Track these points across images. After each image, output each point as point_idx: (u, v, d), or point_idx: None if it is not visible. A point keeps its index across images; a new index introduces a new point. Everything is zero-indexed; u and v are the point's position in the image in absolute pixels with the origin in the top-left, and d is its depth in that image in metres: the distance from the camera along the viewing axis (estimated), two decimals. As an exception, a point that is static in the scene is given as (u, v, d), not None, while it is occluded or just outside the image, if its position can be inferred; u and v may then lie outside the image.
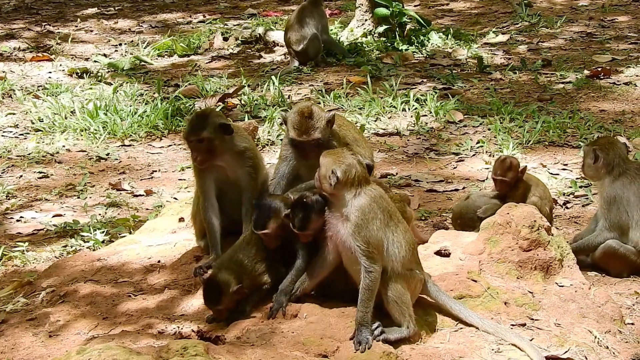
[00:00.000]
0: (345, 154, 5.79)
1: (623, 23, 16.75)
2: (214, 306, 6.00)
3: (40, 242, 8.69)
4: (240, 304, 6.02)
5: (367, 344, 5.53)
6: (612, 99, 12.44)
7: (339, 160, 5.70)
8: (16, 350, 6.06)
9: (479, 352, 5.70)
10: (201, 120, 6.68)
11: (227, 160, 6.73)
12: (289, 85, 13.50)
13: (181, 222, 7.61)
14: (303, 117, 6.58)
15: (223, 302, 5.96)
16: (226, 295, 5.93)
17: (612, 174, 7.83)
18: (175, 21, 18.49)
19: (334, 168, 5.66)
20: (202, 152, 6.66)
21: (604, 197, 7.86)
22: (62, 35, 17.04)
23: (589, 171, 8.02)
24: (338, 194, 5.69)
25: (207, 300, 6.02)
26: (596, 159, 7.86)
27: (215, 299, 5.96)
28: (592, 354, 5.91)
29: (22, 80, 14.24)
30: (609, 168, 7.85)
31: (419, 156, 10.75)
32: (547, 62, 14.15)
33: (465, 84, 13.28)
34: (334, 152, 5.85)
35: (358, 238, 5.60)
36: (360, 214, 5.63)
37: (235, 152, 6.74)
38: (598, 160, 7.85)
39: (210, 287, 5.99)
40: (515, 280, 6.44)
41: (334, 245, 5.77)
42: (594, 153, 7.87)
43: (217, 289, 5.96)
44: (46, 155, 11.02)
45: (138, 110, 12.11)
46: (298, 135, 6.61)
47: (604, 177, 7.88)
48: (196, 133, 6.63)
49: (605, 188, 7.85)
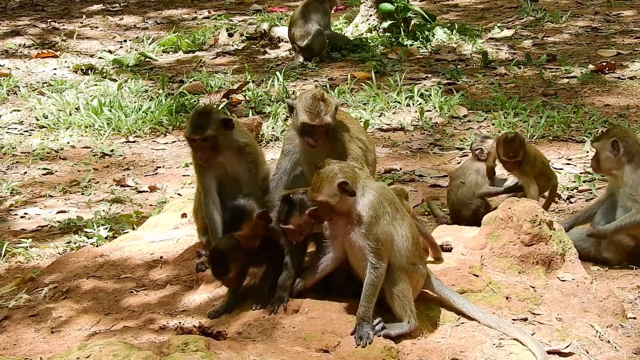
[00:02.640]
0: (331, 165, 5.69)
1: (628, 17, 16.70)
2: (223, 276, 6.00)
3: (44, 239, 8.70)
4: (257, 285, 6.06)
5: (368, 339, 5.54)
6: (617, 93, 12.41)
7: (335, 173, 5.62)
8: (18, 346, 6.09)
9: (480, 347, 5.70)
10: (203, 118, 6.65)
11: (227, 156, 6.73)
12: (293, 81, 13.50)
13: (184, 218, 7.63)
14: (316, 100, 6.58)
15: (231, 269, 5.96)
16: (233, 259, 5.94)
17: (634, 161, 7.78)
18: (180, 17, 18.49)
19: (338, 181, 5.59)
20: (206, 150, 6.65)
21: (630, 185, 7.77)
22: (67, 32, 17.05)
23: (608, 163, 7.88)
24: (347, 200, 5.65)
25: (215, 272, 6.03)
26: (617, 149, 7.78)
27: (223, 267, 5.96)
28: (594, 348, 5.90)
29: (27, 77, 14.26)
30: (629, 156, 7.78)
31: (423, 151, 10.74)
32: (552, 57, 14.13)
33: (469, 79, 13.26)
34: (322, 172, 5.67)
35: (370, 236, 5.59)
36: (372, 210, 5.61)
37: (235, 148, 6.73)
38: (619, 151, 7.77)
39: (216, 256, 5.99)
40: (517, 274, 6.44)
41: (340, 245, 5.76)
42: (614, 144, 7.78)
43: (223, 256, 5.95)
44: (50, 152, 11.04)
45: (142, 107, 12.12)
46: (311, 119, 6.57)
47: (624, 165, 7.80)
48: (200, 131, 6.60)
49: (629, 175, 7.78)
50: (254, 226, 5.98)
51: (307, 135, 6.63)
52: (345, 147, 6.69)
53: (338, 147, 6.68)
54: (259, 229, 5.99)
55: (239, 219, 5.97)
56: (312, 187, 5.64)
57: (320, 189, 5.60)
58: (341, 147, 6.69)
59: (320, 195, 5.59)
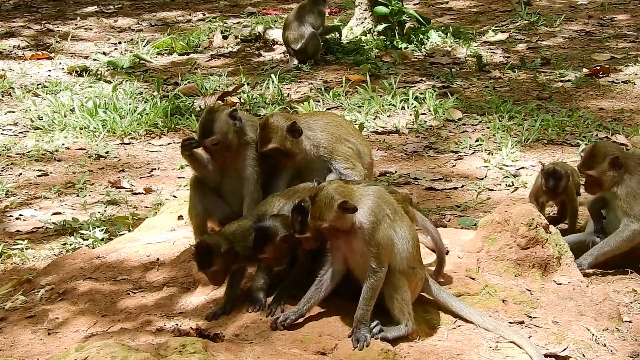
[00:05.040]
0: (324, 190, 5.64)
1: (622, 21, 16.74)
2: (207, 268, 5.99)
3: (39, 240, 8.70)
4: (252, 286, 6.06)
5: (366, 341, 5.54)
6: (611, 97, 12.45)
7: (332, 196, 5.57)
8: (15, 348, 6.08)
9: (477, 350, 5.71)
10: (211, 122, 6.66)
11: (234, 150, 6.77)
12: (288, 84, 13.51)
13: (180, 220, 7.63)
14: (261, 129, 6.69)
15: (215, 262, 5.95)
16: (217, 255, 5.94)
17: (628, 172, 7.65)
18: (175, 19, 18.48)
19: (337, 203, 5.55)
20: (219, 152, 6.71)
21: (623, 197, 7.60)
22: (61, 33, 17.03)
23: (610, 181, 7.63)
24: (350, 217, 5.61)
25: (199, 264, 6.03)
26: (619, 165, 7.59)
27: (207, 260, 5.96)
28: (590, 352, 5.92)
29: (22, 79, 14.24)
30: (628, 169, 7.63)
31: (418, 154, 10.76)
32: (546, 61, 14.16)
33: (464, 83, 13.28)
34: (318, 199, 5.60)
35: (372, 242, 5.59)
36: (372, 216, 5.60)
37: (242, 143, 6.76)
38: (621, 166, 7.58)
39: (200, 249, 6.01)
40: (513, 278, 6.45)
41: (341, 255, 5.75)
42: (615, 162, 7.57)
43: (208, 250, 5.96)
44: (45, 153, 11.03)
45: (137, 109, 12.12)
46: (259, 147, 6.70)
47: (621, 178, 7.64)
48: (209, 136, 6.65)
49: (623, 187, 7.63)
50: (278, 249, 5.95)
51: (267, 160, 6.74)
52: (332, 151, 6.77)
53: (322, 152, 6.77)
54: (282, 251, 5.96)
55: (262, 242, 5.94)
56: (312, 215, 5.59)
57: (321, 216, 5.57)
58: (326, 151, 6.77)
59: (324, 222, 5.57)
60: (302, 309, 5.76)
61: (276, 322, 5.75)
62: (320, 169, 6.75)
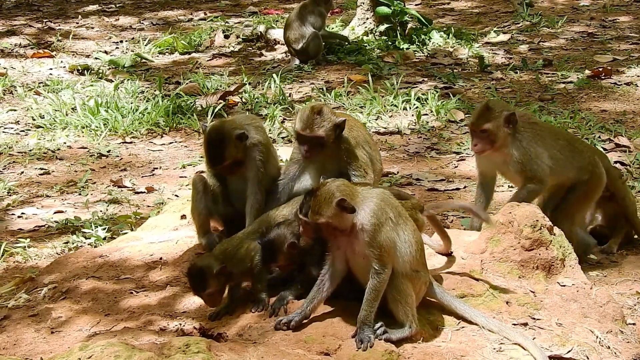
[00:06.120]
0: (327, 185, 5.65)
1: (624, 23, 16.74)
2: (202, 292, 6.01)
3: (41, 239, 8.69)
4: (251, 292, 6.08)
5: (369, 342, 5.53)
6: (613, 99, 12.44)
7: (332, 193, 5.58)
8: (18, 346, 6.07)
9: (481, 351, 5.70)
10: (222, 150, 6.68)
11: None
12: (290, 84, 13.50)
13: (183, 220, 7.62)
14: (313, 112, 6.60)
15: (210, 284, 5.96)
16: (211, 277, 5.94)
17: (518, 132, 7.45)
18: (177, 18, 18.48)
19: (336, 200, 5.55)
20: (229, 168, 6.74)
21: (517, 158, 7.43)
22: (63, 32, 17.03)
23: (503, 138, 7.38)
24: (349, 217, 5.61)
25: (194, 288, 6.05)
26: (514, 122, 7.38)
27: (201, 283, 5.97)
28: (594, 354, 5.91)
29: (23, 77, 14.24)
30: (518, 128, 7.43)
31: (420, 155, 10.76)
32: (548, 62, 14.15)
33: (466, 83, 13.28)
34: (319, 194, 5.60)
35: (374, 244, 5.58)
36: (374, 218, 5.59)
37: (248, 145, 6.76)
38: (516, 123, 7.39)
39: (193, 273, 6.01)
40: (517, 279, 6.45)
41: (342, 256, 5.74)
42: (510, 118, 7.36)
43: (200, 273, 5.97)
44: (47, 152, 11.02)
45: (139, 108, 12.11)
46: (301, 129, 6.61)
47: (513, 138, 7.44)
48: (221, 163, 6.70)
49: (514, 147, 7.45)
50: (287, 256, 6.01)
51: (301, 144, 6.68)
52: (351, 155, 6.69)
53: (343, 154, 6.69)
54: (292, 257, 6.01)
55: (273, 252, 6.00)
56: (312, 209, 5.60)
57: (319, 210, 5.57)
58: (346, 154, 6.69)
59: (321, 217, 5.57)
60: (305, 310, 5.76)
61: (280, 323, 5.74)
62: (333, 170, 6.68)
